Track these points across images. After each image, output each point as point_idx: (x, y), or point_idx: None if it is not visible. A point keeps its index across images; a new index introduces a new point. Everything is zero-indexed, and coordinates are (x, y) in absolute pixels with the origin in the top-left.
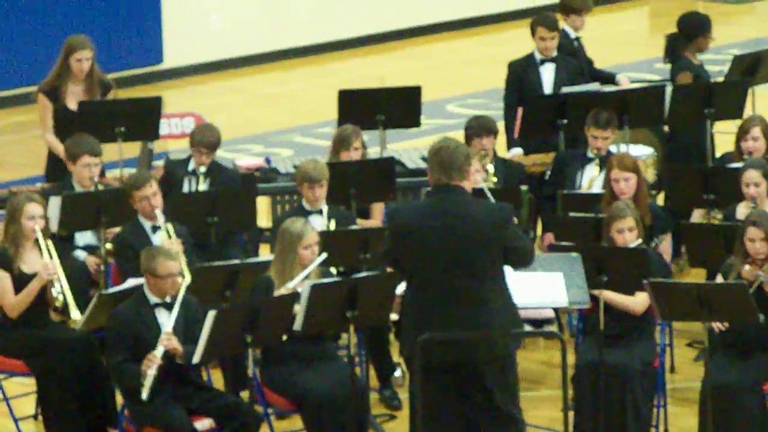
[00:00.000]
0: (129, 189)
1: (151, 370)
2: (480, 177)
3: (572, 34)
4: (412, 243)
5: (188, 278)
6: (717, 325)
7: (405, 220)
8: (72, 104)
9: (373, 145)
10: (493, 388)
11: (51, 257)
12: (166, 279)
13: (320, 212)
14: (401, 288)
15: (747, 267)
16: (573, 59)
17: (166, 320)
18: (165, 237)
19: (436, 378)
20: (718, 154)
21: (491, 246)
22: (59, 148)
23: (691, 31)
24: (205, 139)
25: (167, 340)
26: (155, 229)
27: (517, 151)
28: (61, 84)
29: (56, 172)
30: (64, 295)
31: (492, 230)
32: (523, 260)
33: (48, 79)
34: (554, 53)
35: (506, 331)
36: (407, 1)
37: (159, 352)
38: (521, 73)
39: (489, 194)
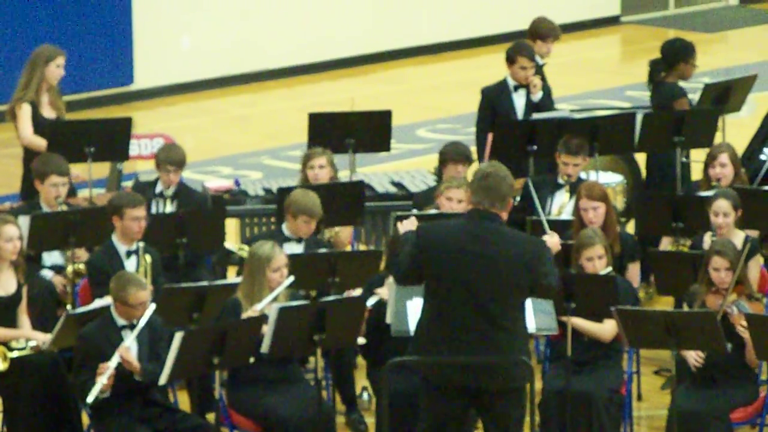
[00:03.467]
0: (121, 207)
1: (102, 377)
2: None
3: (540, 61)
4: (443, 262)
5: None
6: (694, 357)
7: (439, 238)
8: (47, 114)
9: (342, 168)
10: (510, 416)
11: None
12: (136, 307)
13: (299, 240)
14: (372, 301)
15: (711, 297)
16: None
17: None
18: (142, 272)
19: (449, 399)
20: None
21: (522, 278)
22: (43, 144)
23: (672, 57)
24: (171, 156)
25: (124, 352)
26: (129, 253)
27: None
28: (36, 95)
29: (32, 190)
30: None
31: (525, 265)
32: (546, 296)
33: (29, 92)
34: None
35: (521, 359)
36: (378, 25)
37: (113, 362)
38: (494, 99)
39: None
